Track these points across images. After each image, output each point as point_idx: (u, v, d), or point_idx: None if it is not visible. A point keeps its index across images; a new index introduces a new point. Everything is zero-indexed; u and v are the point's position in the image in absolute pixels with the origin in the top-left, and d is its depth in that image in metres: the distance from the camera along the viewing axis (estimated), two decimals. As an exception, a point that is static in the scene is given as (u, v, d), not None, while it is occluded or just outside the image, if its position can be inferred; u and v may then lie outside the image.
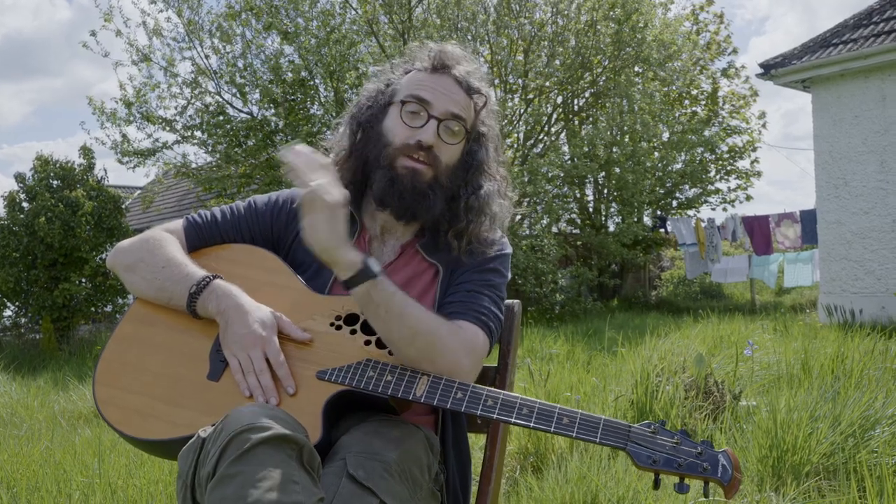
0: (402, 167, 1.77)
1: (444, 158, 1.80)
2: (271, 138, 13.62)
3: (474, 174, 1.87)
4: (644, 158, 16.31)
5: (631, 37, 15.03)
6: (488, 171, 1.90)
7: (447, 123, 1.79)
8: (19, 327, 12.58)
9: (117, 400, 1.73)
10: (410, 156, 1.77)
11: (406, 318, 1.61)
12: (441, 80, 1.82)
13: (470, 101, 1.84)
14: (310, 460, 1.41)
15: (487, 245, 1.88)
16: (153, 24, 13.52)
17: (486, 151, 1.89)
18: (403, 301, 1.62)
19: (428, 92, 1.80)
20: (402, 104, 1.81)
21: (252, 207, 1.96)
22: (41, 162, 12.17)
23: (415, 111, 1.79)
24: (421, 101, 1.79)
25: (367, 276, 1.59)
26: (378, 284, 1.60)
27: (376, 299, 1.60)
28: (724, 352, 6.24)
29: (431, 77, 1.83)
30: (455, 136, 1.81)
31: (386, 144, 1.81)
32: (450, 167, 1.82)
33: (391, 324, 1.61)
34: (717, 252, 15.08)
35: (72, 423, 5.52)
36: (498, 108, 1.97)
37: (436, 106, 1.78)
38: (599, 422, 1.51)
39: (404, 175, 1.77)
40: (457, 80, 1.83)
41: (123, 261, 1.88)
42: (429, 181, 1.78)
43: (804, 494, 3.12)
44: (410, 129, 1.78)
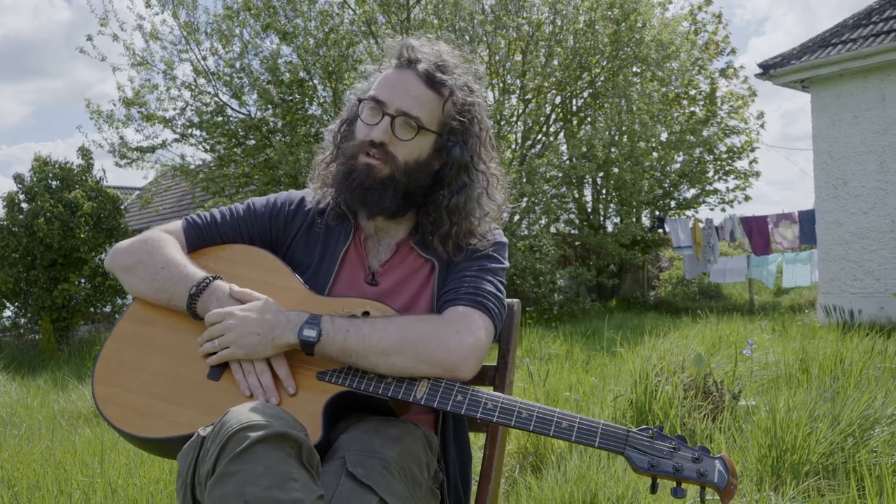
0: (360, 163, 1.80)
1: (400, 155, 1.79)
2: (269, 138, 13.62)
3: (454, 172, 1.85)
4: (642, 159, 16.31)
5: (629, 37, 15.03)
6: (473, 167, 1.87)
7: (399, 120, 1.78)
8: (19, 328, 12.59)
9: (116, 398, 1.73)
10: (367, 152, 1.79)
11: (369, 350, 1.62)
12: (402, 76, 1.82)
13: (433, 94, 1.82)
14: (309, 458, 1.41)
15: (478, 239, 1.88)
16: (150, 28, 13.52)
17: (464, 147, 1.85)
18: (358, 336, 1.63)
19: (383, 90, 1.81)
20: (362, 103, 1.83)
21: (251, 209, 1.97)
22: (40, 163, 12.18)
23: (371, 108, 1.81)
24: (375, 101, 1.80)
25: (309, 345, 1.64)
26: (325, 342, 1.64)
27: (333, 353, 1.65)
28: (723, 352, 6.24)
29: (394, 73, 1.83)
30: (409, 132, 1.79)
31: (350, 144, 1.84)
32: (409, 164, 1.80)
33: (361, 363, 1.64)
34: (713, 253, 15.08)
35: (71, 422, 5.52)
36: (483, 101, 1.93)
37: (389, 104, 1.79)
38: (598, 427, 1.52)
39: (360, 170, 1.79)
40: (418, 74, 1.81)
41: (122, 262, 1.88)
42: (382, 178, 1.78)
43: (803, 494, 3.12)
44: (368, 127, 1.80)
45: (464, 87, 1.85)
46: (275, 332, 1.66)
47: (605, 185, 18.00)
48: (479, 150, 1.89)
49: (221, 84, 13.56)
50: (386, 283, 1.85)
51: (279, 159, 12.58)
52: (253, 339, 1.66)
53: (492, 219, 1.91)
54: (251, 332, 1.66)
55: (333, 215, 1.91)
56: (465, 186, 1.85)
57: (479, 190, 1.87)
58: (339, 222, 1.91)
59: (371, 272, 1.86)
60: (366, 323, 1.65)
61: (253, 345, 1.66)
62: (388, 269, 1.87)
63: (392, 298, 1.81)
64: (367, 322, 1.65)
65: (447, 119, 1.83)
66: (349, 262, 1.88)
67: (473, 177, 1.87)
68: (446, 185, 1.85)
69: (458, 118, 1.83)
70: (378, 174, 1.78)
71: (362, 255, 1.88)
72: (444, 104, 1.82)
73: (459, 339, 1.64)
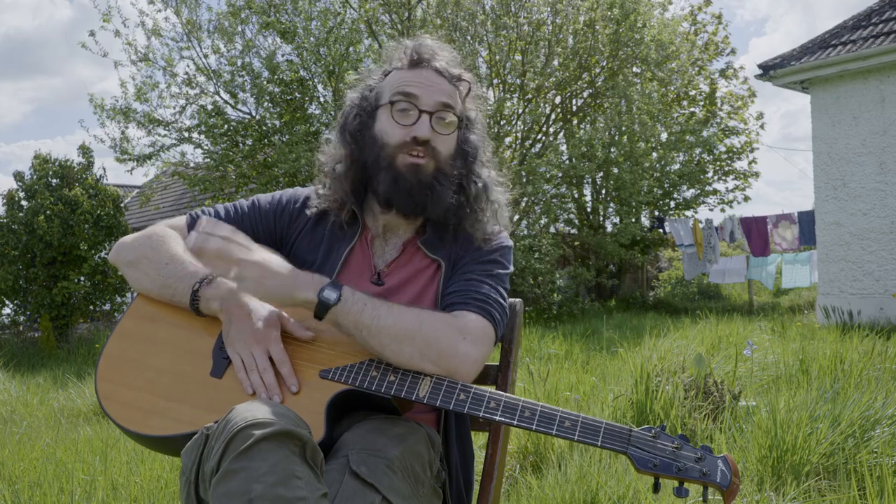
0: (404, 165, 1.78)
1: (442, 149, 1.81)
2: (269, 138, 13.61)
3: (473, 162, 1.89)
4: (642, 159, 16.30)
5: (629, 37, 15.03)
6: (484, 157, 1.93)
7: (439, 115, 1.79)
8: (18, 325, 12.57)
9: (119, 395, 1.73)
10: (409, 153, 1.78)
11: (381, 329, 1.61)
12: (423, 73, 1.83)
13: (455, 88, 1.85)
14: (313, 456, 1.41)
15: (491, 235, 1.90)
16: (152, 25, 13.52)
17: (478, 139, 1.91)
18: (373, 314, 1.62)
19: (414, 87, 1.80)
20: (392, 104, 1.80)
21: (256, 206, 1.97)
22: (40, 160, 12.17)
23: (405, 108, 1.79)
24: (409, 97, 1.79)
25: (325, 306, 1.61)
26: (341, 309, 1.61)
27: (344, 323, 1.63)
28: (722, 352, 6.25)
29: (413, 72, 1.84)
30: (448, 126, 1.82)
31: (382, 146, 1.80)
32: (449, 157, 1.83)
33: (369, 340, 1.62)
34: (714, 253, 15.08)
35: (72, 420, 5.52)
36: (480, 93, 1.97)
37: (424, 99, 1.79)
38: (601, 426, 1.52)
39: (407, 172, 1.77)
40: (438, 70, 1.84)
41: (126, 257, 1.88)
42: (432, 173, 1.79)
43: (804, 494, 3.13)
44: (404, 127, 1.79)
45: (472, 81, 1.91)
46: (296, 282, 1.63)
47: (605, 185, 18.00)
48: (485, 141, 1.94)
49: (221, 83, 13.55)
50: (391, 282, 1.85)
51: (278, 158, 12.57)
52: (274, 282, 1.62)
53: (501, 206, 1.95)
54: (275, 275, 1.63)
55: (339, 220, 1.90)
56: (483, 176, 1.90)
57: (493, 178, 1.93)
58: (347, 222, 1.91)
59: (377, 272, 1.86)
60: (384, 304, 1.64)
61: (273, 287, 1.62)
62: (394, 269, 1.86)
63: (396, 297, 1.81)
64: (386, 304, 1.65)
65: (466, 111, 1.88)
66: (354, 261, 1.88)
67: (487, 165, 1.94)
68: (465, 178, 1.87)
69: (472, 109, 1.90)
70: (426, 171, 1.78)
71: (368, 255, 1.88)
72: (464, 97, 1.87)
73: (467, 348, 1.64)
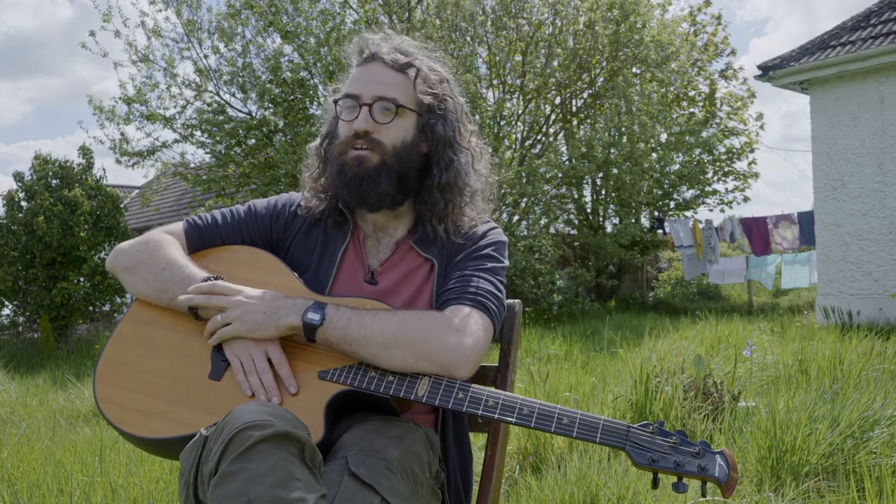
0: (350, 157, 1.81)
1: (386, 140, 1.81)
2: (270, 138, 13.61)
3: (440, 149, 1.87)
4: (642, 159, 16.31)
5: (629, 37, 15.04)
6: (457, 143, 1.90)
7: (377, 105, 1.81)
8: (17, 326, 12.57)
9: (118, 398, 1.73)
10: (354, 146, 1.81)
11: (369, 339, 1.63)
12: (369, 68, 1.86)
13: (402, 76, 1.85)
14: (311, 457, 1.41)
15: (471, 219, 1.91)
16: (152, 25, 13.51)
17: (445, 123, 1.87)
18: (360, 325, 1.64)
19: (355, 85, 1.84)
20: (338, 104, 1.86)
21: (252, 210, 1.98)
22: (40, 161, 12.17)
23: (350, 106, 1.83)
24: (350, 97, 1.83)
25: (312, 328, 1.65)
26: (327, 328, 1.65)
27: (333, 340, 1.65)
28: (722, 353, 6.25)
29: (361, 69, 1.87)
30: (388, 115, 1.81)
31: (335, 145, 1.87)
32: (397, 147, 1.82)
33: (360, 352, 1.64)
34: (714, 253, 15.08)
35: (71, 421, 5.52)
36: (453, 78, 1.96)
37: (363, 95, 1.82)
38: (599, 422, 1.52)
39: (351, 164, 1.81)
40: (384, 63, 1.85)
41: (123, 262, 1.89)
42: (374, 165, 1.80)
43: (803, 495, 3.12)
44: (349, 123, 1.83)
45: (430, 66, 1.90)
46: (280, 312, 1.68)
47: (605, 185, 18.01)
48: (458, 125, 1.91)
49: (223, 83, 13.55)
50: (385, 283, 1.86)
51: (280, 158, 12.57)
52: (258, 316, 1.68)
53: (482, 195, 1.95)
54: (257, 310, 1.68)
55: (332, 222, 1.93)
56: (453, 162, 1.88)
57: (466, 164, 1.91)
58: (338, 223, 1.93)
59: (370, 271, 1.87)
60: (369, 313, 1.66)
61: (257, 322, 1.68)
62: (388, 269, 1.88)
63: (391, 297, 1.82)
64: (371, 313, 1.67)
65: (422, 97, 1.86)
66: (348, 261, 1.89)
67: (458, 152, 1.90)
68: (435, 165, 1.87)
69: (432, 94, 1.87)
70: (369, 163, 1.80)
71: (361, 255, 1.89)
72: (415, 83, 1.86)
73: (458, 340, 1.64)
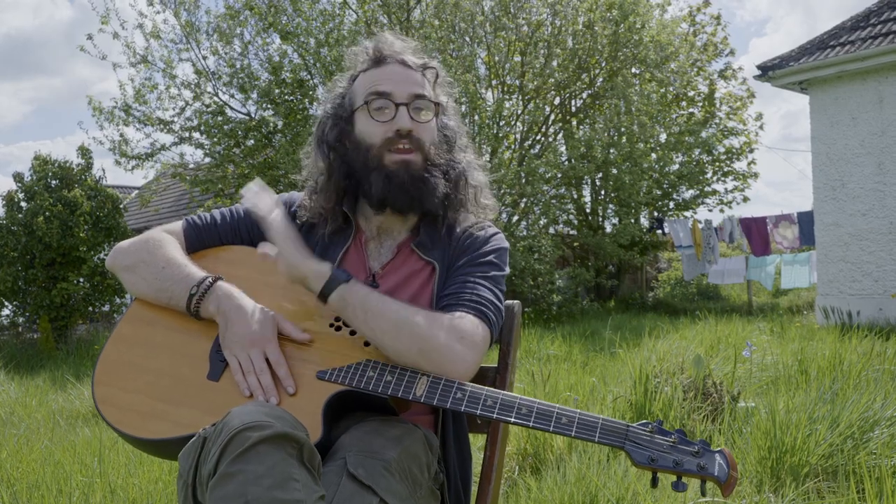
0: (393, 162, 1.79)
1: (425, 139, 1.82)
2: (269, 139, 13.61)
3: (453, 147, 1.91)
4: (641, 160, 16.30)
5: (628, 38, 15.04)
6: (461, 141, 1.94)
7: (415, 105, 1.81)
8: (17, 326, 12.57)
9: (116, 399, 1.73)
10: (396, 148, 1.79)
11: (385, 313, 1.63)
12: (389, 68, 1.84)
13: (423, 77, 1.87)
14: (310, 458, 1.41)
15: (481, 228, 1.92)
16: (151, 27, 13.50)
17: (453, 120, 1.93)
18: (380, 299, 1.66)
19: (384, 83, 1.81)
20: (367, 104, 1.81)
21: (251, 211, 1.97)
22: (39, 162, 12.16)
23: (381, 106, 1.80)
24: (382, 95, 1.80)
25: (338, 281, 1.66)
26: (350, 287, 1.66)
27: (351, 301, 1.65)
28: (721, 353, 6.25)
29: (380, 70, 1.85)
30: (426, 115, 1.83)
31: (368, 148, 1.81)
32: (433, 146, 1.84)
33: (372, 322, 1.63)
34: (713, 254, 15.07)
35: (70, 422, 5.52)
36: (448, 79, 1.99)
37: (397, 93, 1.80)
38: (598, 421, 1.52)
39: (398, 168, 1.78)
40: (404, 63, 1.85)
41: (123, 261, 1.89)
42: (422, 165, 1.80)
43: (803, 496, 3.12)
44: (384, 123, 1.79)
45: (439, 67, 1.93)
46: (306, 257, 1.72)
47: (604, 185, 18.01)
48: (460, 124, 1.96)
49: (222, 84, 13.55)
50: (386, 285, 1.85)
51: (280, 159, 12.56)
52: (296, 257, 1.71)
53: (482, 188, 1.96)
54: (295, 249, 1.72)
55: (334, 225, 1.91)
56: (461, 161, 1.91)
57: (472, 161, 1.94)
58: (340, 225, 1.92)
59: (371, 274, 1.86)
60: (388, 296, 1.69)
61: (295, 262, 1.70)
62: (389, 271, 1.87)
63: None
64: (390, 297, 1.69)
65: (438, 97, 1.89)
66: (349, 263, 1.88)
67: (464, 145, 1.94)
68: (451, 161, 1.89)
69: (444, 95, 1.92)
70: (416, 164, 1.80)
71: (363, 257, 1.89)
72: (435, 84, 1.89)
73: (462, 351, 1.65)
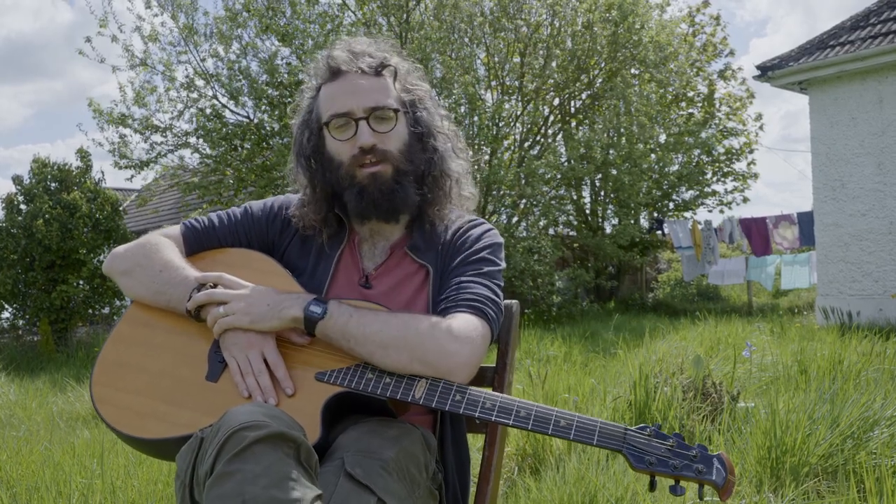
0: (363, 177, 1.80)
1: (392, 147, 1.81)
2: (267, 141, 13.61)
3: (428, 139, 1.88)
4: (640, 160, 16.30)
5: (627, 38, 15.04)
6: (438, 130, 1.91)
7: (374, 115, 1.79)
8: (17, 329, 12.57)
9: (115, 399, 1.73)
10: (363, 163, 1.80)
11: (369, 337, 1.63)
12: (346, 80, 1.82)
13: (383, 79, 1.84)
14: (307, 458, 1.41)
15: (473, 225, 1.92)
16: (149, 30, 13.49)
17: (425, 112, 1.89)
18: (360, 322, 1.65)
19: (339, 102, 1.81)
20: (327, 125, 1.83)
21: (248, 213, 1.98)
22: (39, 164, 12.17)
23: (341, 125, 1.81)
24: (340, 116, 1.80)
25: (313, 321, 1.66)
26: (328, 322, 1.66)
27: (333, 335, 1.66)
28: (721, 353, 6.25)
29: (337, 84, 1.83)
30: (388, 122, 1.81)
31: (338, 166, 1.83)
32: (402, 150, 1.82)
33: (358, 349, 1.64)
34: (713, 254, 15.07)
35: (70, 424, 5.52)
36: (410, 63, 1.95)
37: (355, 109, 1.79)
38: (596, 425, 1.52)
39: (368, 183, 1.79)
40: (361, 71, 1.82)
41: (120, 266, 1.89)
42: (391, 176, 1.80)
43: (803, 496, 3.12)
44: (347, 142, 1.80)
45: (397, 60, 1.89)
46: (283, 304, 1.70)
47: (604, 186, 18.02)
48: (434, 111, 1.92)
49: (220, 87, 13.54)
50: (380, 287, 1.86)
51: (277, 161, 12.56)
52: (262, 308, 1.70)
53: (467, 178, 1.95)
54: (262, 302, 1.71)
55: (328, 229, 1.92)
56: (437, 149, 1.89)
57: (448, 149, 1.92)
58: (336, 229, 1.92)
59: (365, 275, 1.87)
60: (370, 312, 1.67)
61: (261, 314, 1.70)
62: (382, 273, 1.87)
63: (386, 302, 1.81)
64: (372, 312, 1.67)
65: (401, 95, 1.86)
66: (344, 265, 1.89)
67: (439, 138, 1.91)
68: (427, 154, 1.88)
69: (409, 89, 1.88)
70: (385, 176, 1.80)
71: (357, 258, 1.89)
72: (394, 82, 1.86)
73: (457, 347, 1.64)
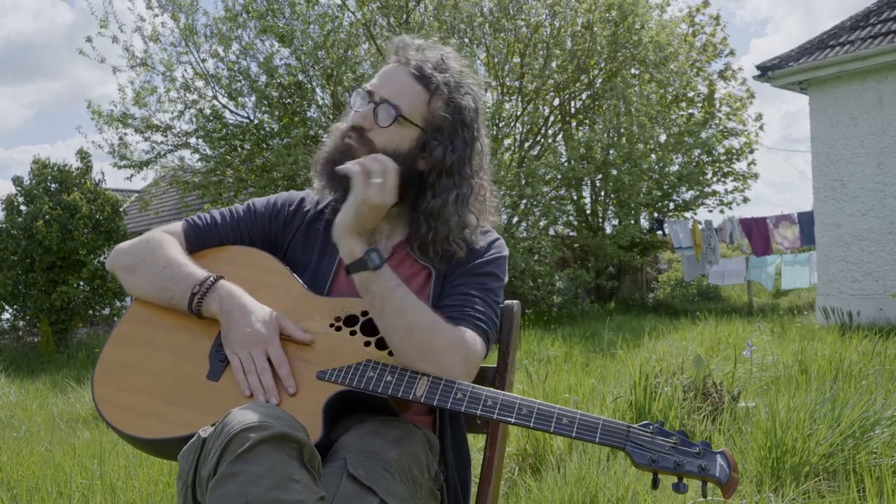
0: (343, 144, 1.82)
1: (378, 141, 1.78)
2: (267, 141, 13.61)
3: (436, 174, 1.80)
4: (641, 160, 16.29)
5: (627, 38, 15.04)
6: (457, 173, 1.81)
7: (381, 107, 1.78)
8: (17, 330, 12.57)
9: (116, 399, 1.73)
10: (348, 135, 1.81)
11: (405, 312, 1.63)
12: (393, 69, 1.84)
13: (420, 88, 1.80)
14: (310, 459, 1.41)
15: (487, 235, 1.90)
16: (150, 30, 13.50)
17: (449, 149, 1.79)
18: (404, 296, 1.65)
19: (374, 81, 1.84)
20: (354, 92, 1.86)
21: (251, 210, 1.97)
22: (39, 165, 12.17)
23: (360, 97, 1.82)
24: (364, 89, 1.83)
25: (363, 266, 1.65)
26: (377, 277, 1.65)
27: (374, 290, 1.65)
28: (722, 353, 6.25)
29: (387, 67, 1.86)
30: (386, 119, 1.78)
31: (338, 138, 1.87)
32: (387, 153, 1.75)
33: (389, 316, 1.64)
34: (714, 254, 15.07)
35: (70, 425, 5.52)
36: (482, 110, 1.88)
37: (376, 92, 1.80)
38: (598, 422, 1.52)
39: (343, 151, 1.80)
40: (408, 67, 1.82)
41: (123, 262, 1.88)
42: None
43: (803, 495, 3.12)
44: (354, 113, 1.83)
45: (458, 89, 1.82)
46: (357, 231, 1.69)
47: (604, 186, 18.02)
48: (468, 156, 1.83)
49: (220, 87, 13.54)
50: None
51: (276, 162, 12.56)
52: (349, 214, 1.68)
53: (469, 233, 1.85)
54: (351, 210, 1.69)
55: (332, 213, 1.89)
56: (445, 191, 1.79)
57: (460, 197, 1.81)
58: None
59: None
60: (412, 294, 1.68)
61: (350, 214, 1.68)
62: None
63: None
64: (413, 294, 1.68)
65: (433, 116, 1.80)
66: None
67: (457, 182, 1.81)
68: (429, 188, 1.81)
69: (446, 117, 1.79)
70: (353, 155, 1.76)
71: None
72: (431, 99, 1.80)
73: (465, 367, 1.66)
